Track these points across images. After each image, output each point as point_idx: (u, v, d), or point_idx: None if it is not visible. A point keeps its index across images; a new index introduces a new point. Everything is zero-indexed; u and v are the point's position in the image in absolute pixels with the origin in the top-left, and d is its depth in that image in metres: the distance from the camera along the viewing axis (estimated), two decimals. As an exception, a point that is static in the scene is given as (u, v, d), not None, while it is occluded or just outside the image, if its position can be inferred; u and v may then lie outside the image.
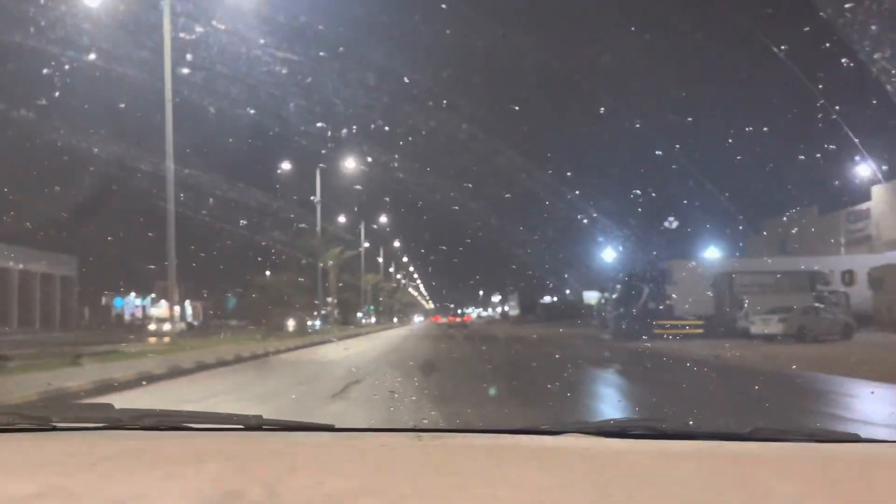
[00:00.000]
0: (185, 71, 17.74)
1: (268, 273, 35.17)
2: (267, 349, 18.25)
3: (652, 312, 24.33)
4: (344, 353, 18.69)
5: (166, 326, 33.00)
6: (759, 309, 21.20)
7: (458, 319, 56.68)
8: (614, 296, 28.44)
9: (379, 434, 1.80)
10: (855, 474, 1.40)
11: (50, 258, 39.92)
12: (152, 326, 37.75)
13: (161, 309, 43.65)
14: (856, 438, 1.65)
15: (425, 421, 6.62)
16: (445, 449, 1.55)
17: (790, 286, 23.69)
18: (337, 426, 1.84)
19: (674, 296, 24.84)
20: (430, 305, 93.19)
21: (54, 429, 1.82)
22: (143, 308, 52.85)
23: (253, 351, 17.20)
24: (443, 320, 57.13)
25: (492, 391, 9.24)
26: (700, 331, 22.52)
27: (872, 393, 8.72)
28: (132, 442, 1.71)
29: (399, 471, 1.46)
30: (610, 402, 9.05)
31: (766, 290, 23.61)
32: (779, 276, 25.04)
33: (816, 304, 21.52)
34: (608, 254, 30.24)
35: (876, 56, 3.32)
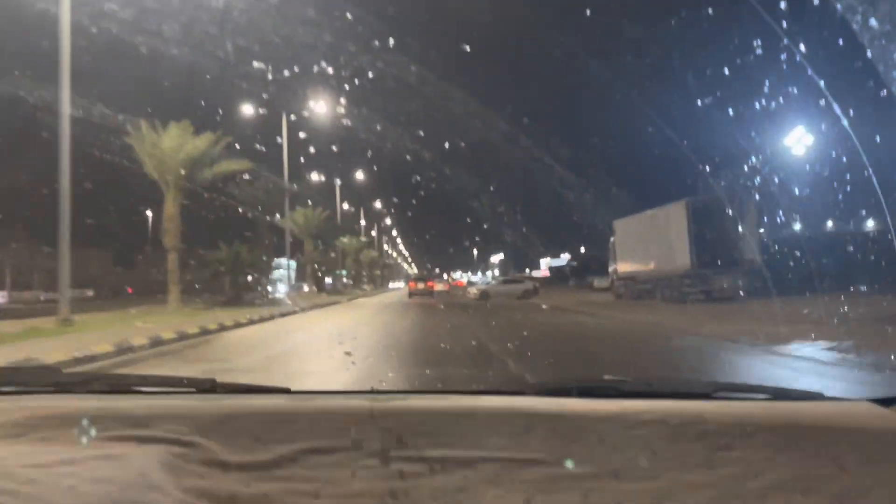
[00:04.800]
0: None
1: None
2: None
3: None
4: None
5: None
6: None
7: (422, 285, 41.21)
8: None
9: (334, 396, 1.76)
10: (818, 432, 1.40)
11: None
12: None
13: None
14: (819, 397, 1.64)
15: (383, 383, 6.66)
16: (400, 411, 1.54)
17: None
18: (293, 389, 1.82)
19: None
20: (415, 270, 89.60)
21: None
22: None
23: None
24: (421, 286, 41.70)
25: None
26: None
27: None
28: (76, 404, 1.65)
29: (351, 432, 1.46)
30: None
31: None
32: None
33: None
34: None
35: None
